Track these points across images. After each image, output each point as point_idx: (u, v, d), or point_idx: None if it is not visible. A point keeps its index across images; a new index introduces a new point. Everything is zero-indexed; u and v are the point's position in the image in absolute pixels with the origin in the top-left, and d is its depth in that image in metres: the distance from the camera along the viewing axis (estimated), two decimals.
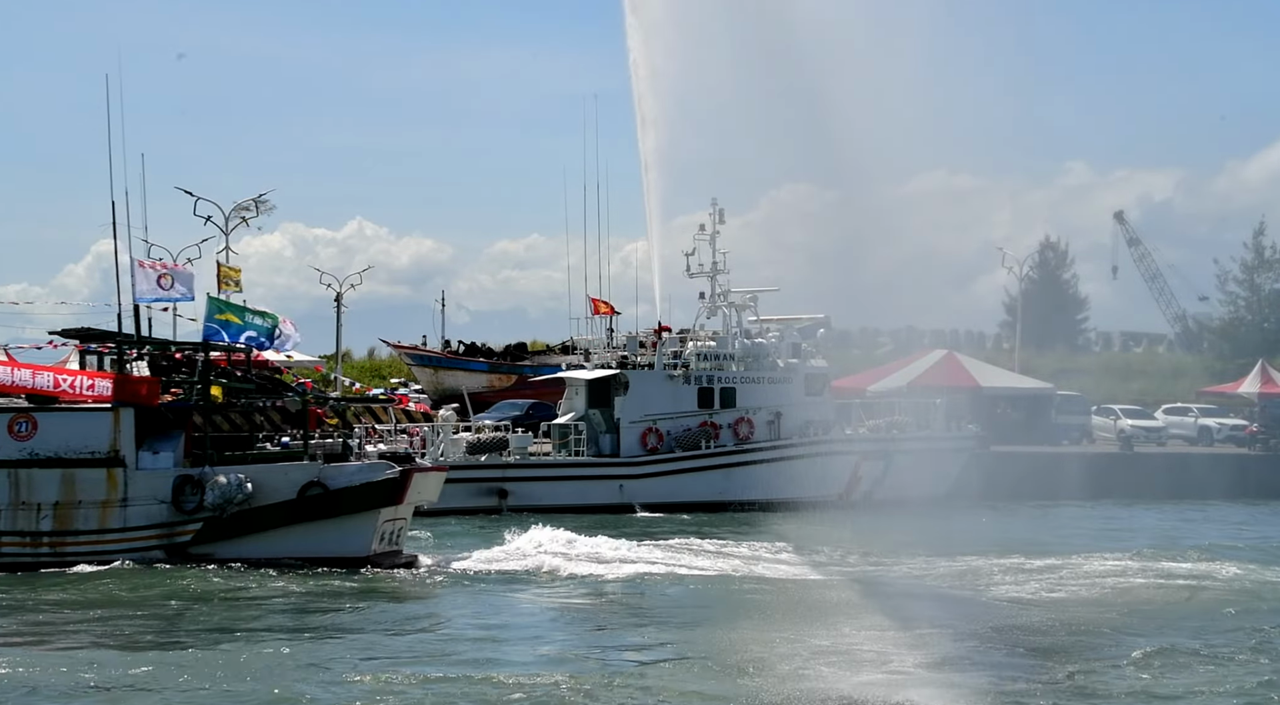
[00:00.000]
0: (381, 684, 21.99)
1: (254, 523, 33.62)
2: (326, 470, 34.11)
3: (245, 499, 33.45)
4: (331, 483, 33.91)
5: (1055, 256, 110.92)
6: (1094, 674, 23.07)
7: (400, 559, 34.88)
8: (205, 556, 33.34)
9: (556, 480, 51.38)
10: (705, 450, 53.20)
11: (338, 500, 33.84)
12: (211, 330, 35.06)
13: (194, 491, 33.36)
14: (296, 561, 33.35)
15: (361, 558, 33.86)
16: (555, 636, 26.90)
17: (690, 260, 55.70)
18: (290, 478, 34.02)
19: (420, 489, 35.32)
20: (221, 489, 33.23)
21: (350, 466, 34.37)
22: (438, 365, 72.70)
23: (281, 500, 33.85)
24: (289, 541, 33.71)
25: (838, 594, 30.67)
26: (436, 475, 36.54)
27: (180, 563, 33.03)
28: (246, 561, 33.13)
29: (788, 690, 21.38)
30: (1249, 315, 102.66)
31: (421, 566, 34.75)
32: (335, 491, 33.84)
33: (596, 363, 55.39)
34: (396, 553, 35.09)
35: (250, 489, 33.46)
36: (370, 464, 34.64)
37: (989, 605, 29.64)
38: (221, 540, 33.49)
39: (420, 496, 35.68)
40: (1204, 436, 70.28)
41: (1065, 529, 44.92)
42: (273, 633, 26.31)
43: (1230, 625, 27.68)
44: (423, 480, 35.29)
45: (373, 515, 34.09)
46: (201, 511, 33.38)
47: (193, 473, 33.58)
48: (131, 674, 22.50)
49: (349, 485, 33.97)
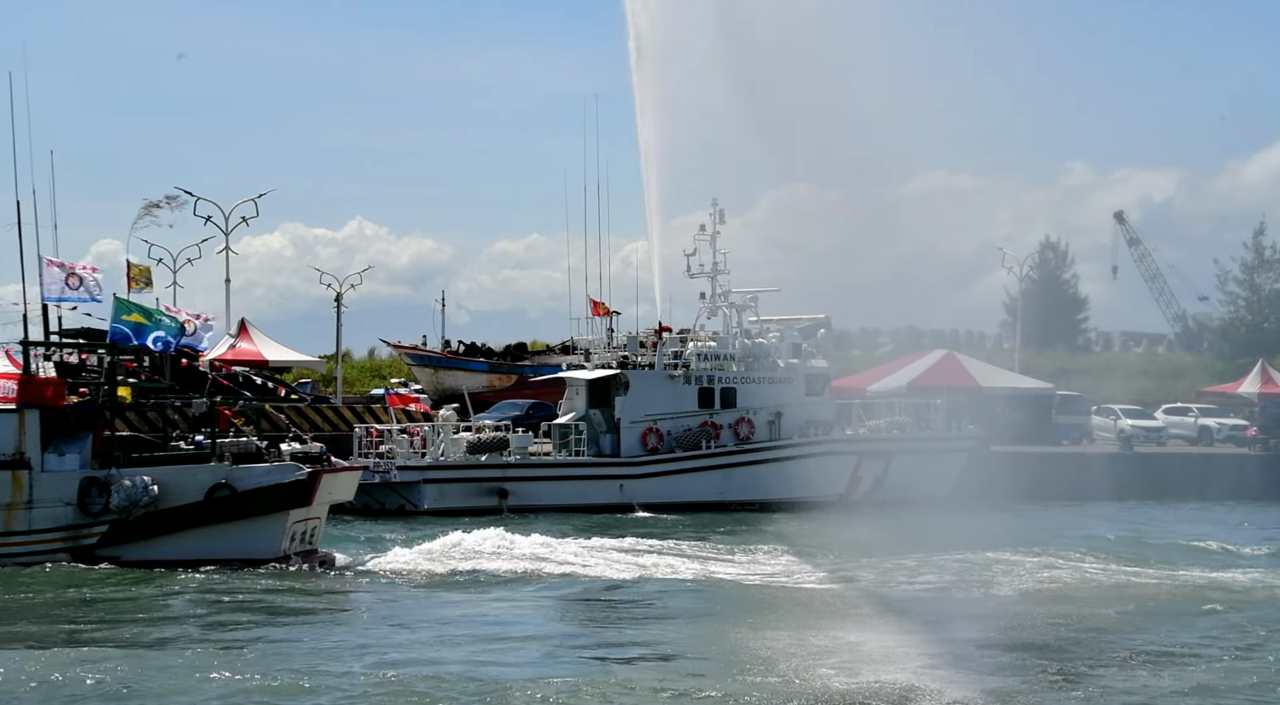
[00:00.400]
0: (279, 681, 21.96)
1: (161, 525, 33.34)
2: (235, 472, 33.86)
3: (152, 501, 33.12)
4: (240, 484, 33.68)
5: (1055, 256, 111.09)
6: (1095, 674, 23.08)
7: (315, 558, 34.81)
8: (112, 559, 33.01)
9: (557, 480, 51.40)
10: (706, 450, 53.22)
11: (245, 502, 33.64)
12: (119, 331, 34.38)
13: (100, 494, 32.95)
14: (204, 563, 33.07)
15: (271, 558, 33.72)
16: (455, 635, 26.71)
17: (690, 260, 55.71)
18: (198, 479, 33.73)
19: (331, 489, 35.23)
20: (127, 491, 32.87)
21: (259, 468, 34.13)
22: (438, 365, 72.74)
23: (189, 502, 33.56)
24: (197, 543, 33.42)
25: (799, 596, 30.69)
26: (349, 475, 36.46)
27: (87, 565, 32.70)
28: (153, 564, 32.83)
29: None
30: (1249, 315, 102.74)
31: (337, 566, 34.75)
32: (243, 493, 33.63)
33: (597, 363, 55.41)
34: (311, 552, 35.01)
35: (156, 491, 33.13)
36: (279, 465, 34.40)
37: (989, 605, 29.66)
38: (128, 543, 33.16)
39: (332, 497, 35.62)
40: (1204, 436, 70.30)
41: (1065, 529, 44.89)
42: (174, 632, 26.24)
43: (1232, 626, 27.69)
44: (333, 481, 35.16)
45: (282, 517, 33.94)
46: (107, 514, 32.98)
47: (99, 475, 33.16)
48: (34, 676, 22.19)
49: (257, 487, 33.77)
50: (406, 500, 49.39)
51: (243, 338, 65.14)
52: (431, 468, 49.98)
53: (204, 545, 33.45)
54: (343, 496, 36.54)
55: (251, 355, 64.24)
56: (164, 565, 32.80)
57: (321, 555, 35.25)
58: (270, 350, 65.41)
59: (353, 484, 36.74)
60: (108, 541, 33.16)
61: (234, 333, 65.49)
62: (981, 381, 67.17)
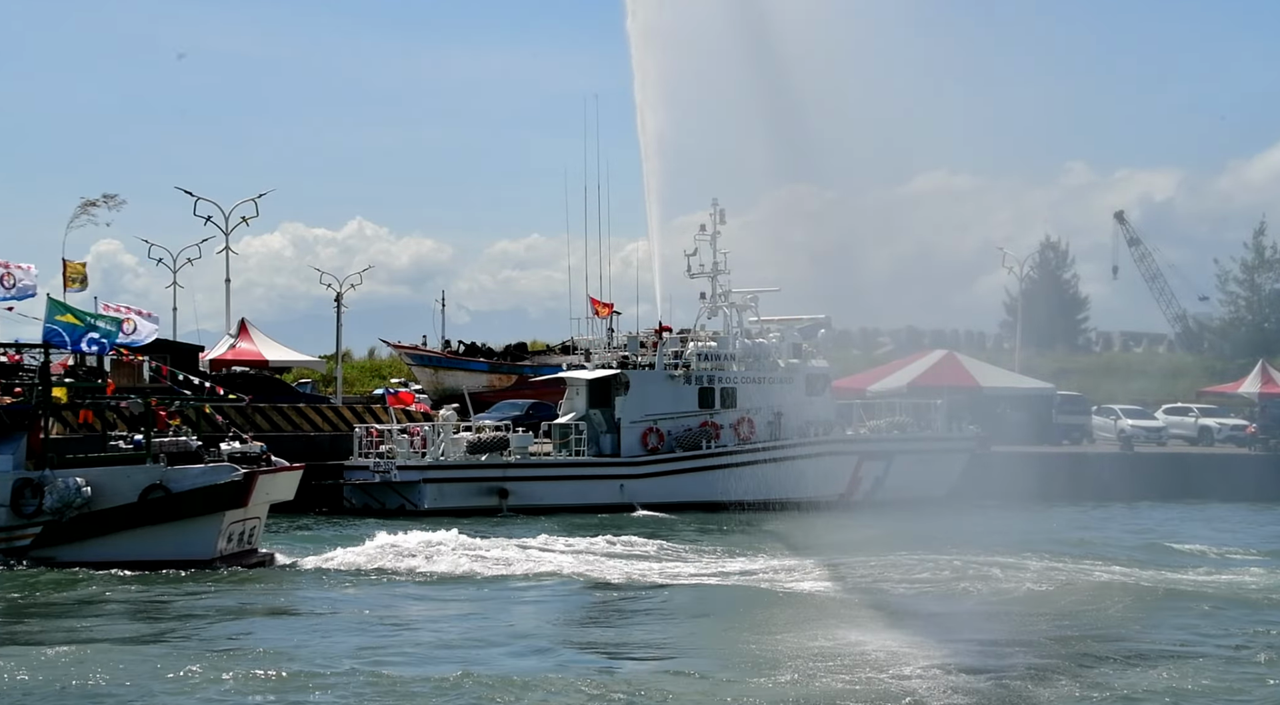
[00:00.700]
0: (212, 679, 21.98)
1: (95, 526, 33.19)
2: (170, 473, 33.68)
3: (85, 503, 32.92)
4: (174, 485, 33.52)
5: (1055, 256, 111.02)
6: (1097, 675, 23.05)
7: (254, 558, 34.73)
8: (45, 561, 32.84)
9: (557, 480, 51.40)
10: (706, 450, 53.22)
11: (179, 503, 33.49)
12: (51, 332, 33.83)
13: (33, 495, 32.75)
14: (140, 565, 32.88)
15: (206, 559, 33.60)
16: (380, 634, 26.71)
17: (691, 261, 55.72)
18: (132, 480, 33.53)
19: (268, 490, 35.10)
20: (60, 493, 32.66)
21: (194, 469, 33.96)
22: (438, 365, 72.74)
23: (123, 504, 33.38)
24: (132, 545, 33.25)
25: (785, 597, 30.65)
26: (288, 475, 36.24)
27: (19, 567, 32.56)
28: (87, 565, 32.67)
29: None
30: (1249, 315, 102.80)
31: (276, 565, 34.69)
32: (177, 494, 33.47)
33: (597, 363, 55.40)
34: (250, 552, 34.93)
35: (90, 493, 32.94)
36: (214, 466, 34.22)
37: (989, 606, 29.61)
38: (62, 544, 33.01)
39: (269, 497, 35.49)
40: (1204, 436, 70.29)
41: (1065, 529, 44.89)
42: (105, 632, 26.14)
43: (1232, 626, 27.67)
44: (270, 481, 35.02)
45: (217, 518, 33.81)
46: (41, 515, 32.80)
47: (32, 476, 32.97)
48: None
49: (192, 488, 33.59)
50: (407, 500, 49.38)
51: (243, 338, 65.14)
52: (432, 467, 49.97)
53: (139, 547, 33.25)
54: (282, 496, 36.27)
55: (251, 355, 64.24)
56: (98, 567, 32.59)
57: (261, 555, 35.16)
58: (270, 350, 65.40)
59: (292, 484, 36.43)
60: (41, 543, 32.96)
61: (234, 333, 65.50)
62: (982, 381, 67.18)
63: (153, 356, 57.24)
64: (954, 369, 67.70)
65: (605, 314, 60.04)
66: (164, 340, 61.64)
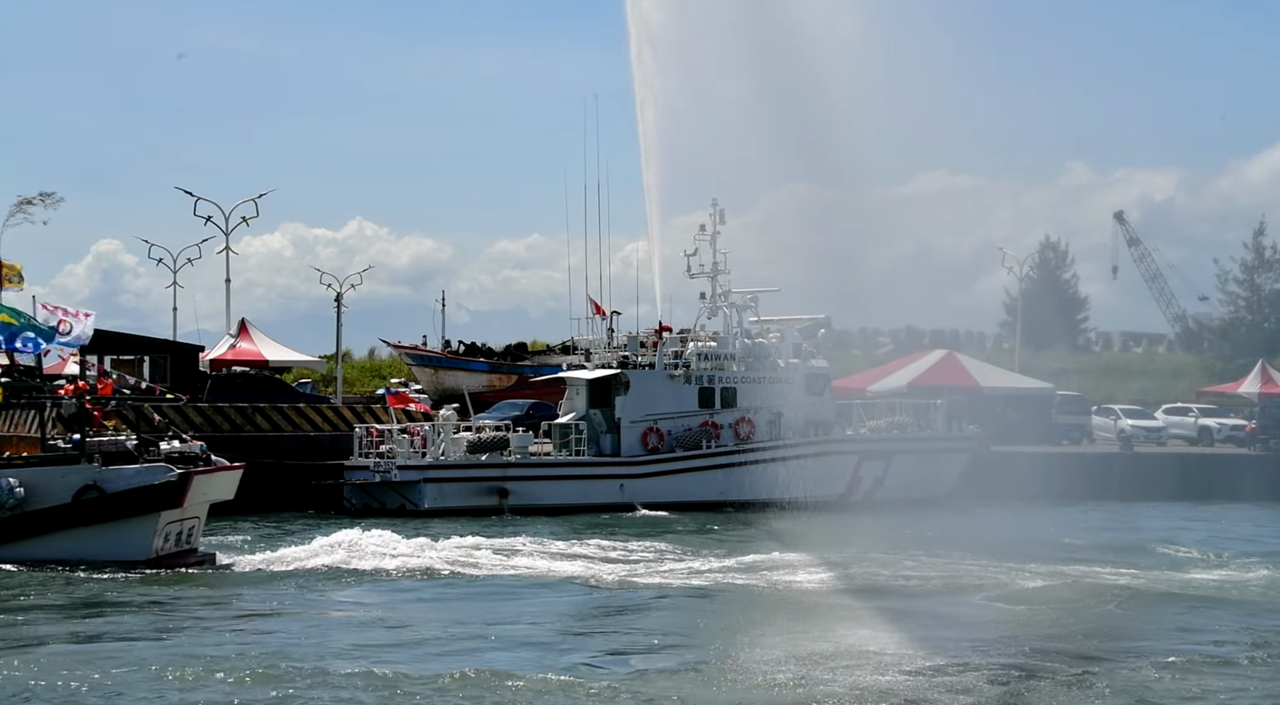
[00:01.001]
0: (139, 677, 21.92)
1: (28, 527, 32.98)
2: (104, 474, 33.46)
3: (18, 503, 32.76)
4: (109, 486, 33.31)
5: (1055, 256, 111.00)
6: (1097, 675, 23.05)
7: (193, 558, 34.62)
8: None
9: (557, 480, 51.43)
10: (706, 450, 53.25)
11: (113, 504, 33.29)
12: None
13: None
14: (74, 565, 32.76)
15: (142, 560, 33.47)
16: (337, 633, 26.76)
17: (691, 260, 55.73)
18: (66, 481, 33.29)
19: (205, 490, 34.95)
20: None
21: (129, 469, 33.74)
22: (438, 365, 72.79)
23: (57, 504, 33.18)
24: (66, 545, 33.07)
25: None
26: (227, 475, 36.03)
27: None
28: (21, 564, 32.55)
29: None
30: (1249, 315, 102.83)
31: (216, 566, 34.61)
32: (111, 495, 33.26)
33: (597, 363, 55.42)
34: (190, 552, 34.79)
35: (23, 493, 32.77)
36: (149, 466, 34.00)
37: (989, 605, 29.64)
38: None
39: (207, 497, 35.32)
40: (1204, 437, 70.31)
41: (1065, 529, 44.89)
42: (33, 634, 26.02)
43: (1233, 624, 27.69)
44: (207, 481, 34.87)
45: (152, 518, 33.65)
46: None
47: None
48: None
49: (127, 488, 33.42)
50: (407, 500, 49.41)
51: (243, 338, 65.14)
52: (432, 467, 49.99)
53: (73, 547, 33.11)
54: (221, 496, 36.06)
55: (251, 355, 64.24)
56: (32, 567, 32.48)
57: (200, 555, 35.05)
58: (270, 350, 65.41)
59: (232, 484, 36.22)
60: None
61: (234, 333, 65.51)
62: (981, 381, 67.20)
63: (154, 356, 57.55)
64: (954, 369, 67.73)
65: (603, 314, 60.10)
66: (164, 340, 61.84)
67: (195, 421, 50.61)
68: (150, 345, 58.42)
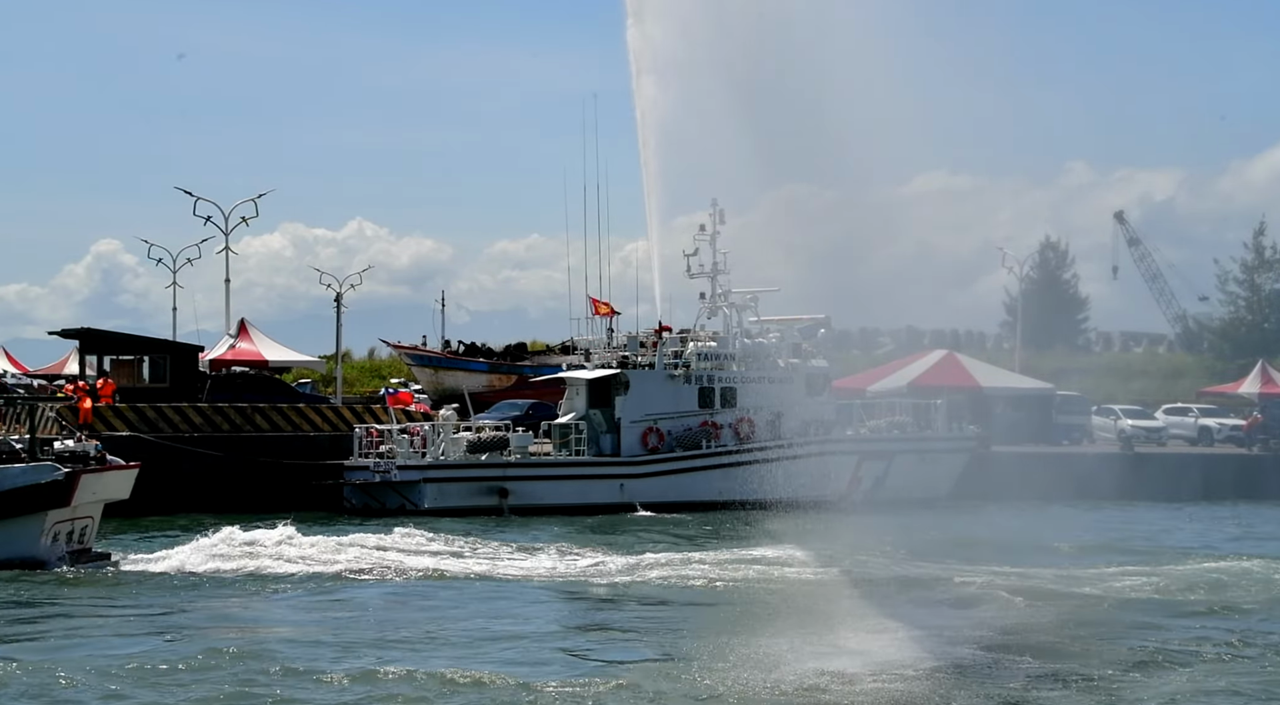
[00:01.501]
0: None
1: None
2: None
3: None
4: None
5: (1055, 256, 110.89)
6: (1098, 676, 23.05)
7: (87, 558, 34.53)
8: None
9: (557, 480, 51.44)
10: (706, 450, 53.26)
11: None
12: None
13: None
14: None
15: (29, 560, 33.36)
16: (214, 630, 26.79)
17: (690, 260, 55.73)
18: None
19: (95, 489, 34.83)
20: None
21: (14, 469, 33.66)
22: (438, 365, 72.77)
23: None
24: None
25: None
26: (120, 474, 35.94)
27: None
28: None
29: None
30: (1249, 315, 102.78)
31: (110, 565, 34.50)
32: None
33: (597, 363, 55.42)
34: (83, 552, 34.74)
35: None
36: (35, 466, 33.89)
37: (989, 606, 29.62)
38: None
39: (98, 496, 35.21)
40: (1204, 437, 70.30)
41: (1065, 529, 44.86)
42: None
43: (1231, 626, 27.69)
44: (97, 480, 34.79)
45: (39, 517, 33.54)
46: None
47: None
48: None
49: (12, 488, 33.27)
50: (407, 500, 49.40)
51: (242, 338, 65.11)
52: (432, 467, 49.99)
53: None
54: (115, 495, 35.96)
55: (251, 355, 64.22)
56: None
57: (94, 555, 34.97)
58: (270, 350, 65.39)
59: (127, 483, 36.11)
60: None
61: (234, 333, 65.49)
62: (982, 381, 67.16)
63: (153, 356, 57.50)
64: (954, 369, 67.69)
65: (603, 313, 60.07)
66: (164, 340, 61.76)
67: (195, 422, 50.62)
68: (150, 345, 58.34)
